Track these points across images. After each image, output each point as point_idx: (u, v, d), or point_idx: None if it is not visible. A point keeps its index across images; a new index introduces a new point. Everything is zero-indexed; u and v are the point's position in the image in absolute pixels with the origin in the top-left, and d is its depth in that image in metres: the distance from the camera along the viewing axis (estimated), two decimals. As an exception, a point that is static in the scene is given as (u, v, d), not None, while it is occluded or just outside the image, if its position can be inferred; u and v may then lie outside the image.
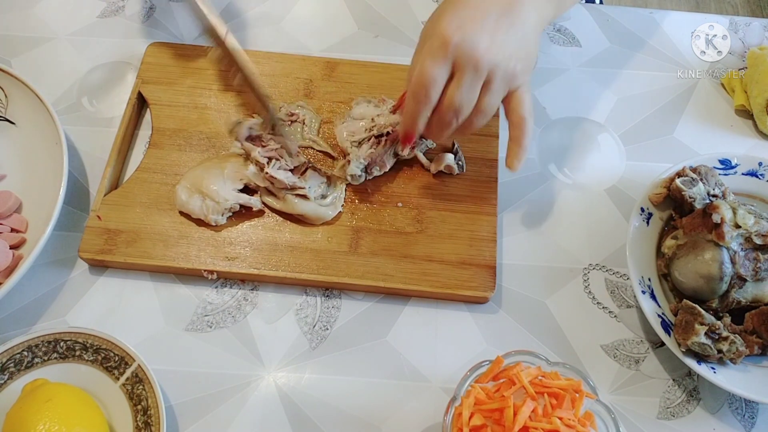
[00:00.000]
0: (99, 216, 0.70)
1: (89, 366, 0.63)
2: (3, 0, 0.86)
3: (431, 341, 0.68)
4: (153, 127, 0.76)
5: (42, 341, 0.63)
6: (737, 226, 0.65)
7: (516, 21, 0.61)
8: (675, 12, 0.90)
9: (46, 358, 0.63)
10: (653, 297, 0.67)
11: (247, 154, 0.72)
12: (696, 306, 0.64)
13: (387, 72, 0.80)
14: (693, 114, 0.82)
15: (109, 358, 0.62)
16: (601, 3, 1.00)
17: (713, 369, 0.63)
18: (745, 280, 0.65)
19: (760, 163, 0.73)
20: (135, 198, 0.71)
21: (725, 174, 0.73)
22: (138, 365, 0.61)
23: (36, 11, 0.85)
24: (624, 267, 0.72)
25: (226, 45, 0.70)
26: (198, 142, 0.75)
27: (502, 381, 0.56)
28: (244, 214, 0.71)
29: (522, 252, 0.73)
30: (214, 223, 0.70)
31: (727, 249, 0.64)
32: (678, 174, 0.70)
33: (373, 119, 0.74)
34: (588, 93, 0.83)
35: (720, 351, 0.62)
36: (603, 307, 0.70)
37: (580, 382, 0.54)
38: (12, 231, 0.69)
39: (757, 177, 0.73)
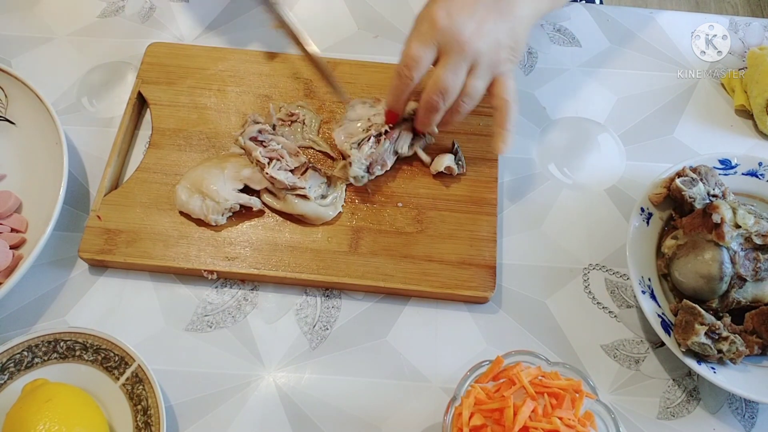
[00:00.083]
0: (99, 216, 0.70)
1: (89, 366, 0.63)
2: (3, 0, 0.86)
3: (431, 341, 0.68)
4: (153, 127, 0.76)
5: (42, 341, 0.63)
6: (737, 226, 0.65)
7: (506, 11, 0.65)
8: (675, 12, 0.90)
9: (46, 358, 0.63)
10: (653, 297, 0.67)
11: (248, 153, 0.72)
12: (696, 306, 0.64)
13: (387, 72, 0.79)
14: (693, 114, 0.82)
15: (109, 358, 0.62)
16: (601, 3, 1.00)
17: (713, 369, 0.63)
18: (745, 280, 0.64)
19: (760, 163, 0.73)
20: (135, 198, 0.71)
21: (725, 174, 0.73)
22: (138, 365, 0.61)
23: (36, 11, 0.85)
24: (624, 267, 0.72)
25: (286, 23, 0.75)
26: (198, 142, 0.75)
27: (502, 381, 0.56)
28: (244, 214, 0.71)
29: (522, 252, 0.73)
30: (214, 223, 0.70)
31: (727, 249, 0.64)
32: (678, 174, 0.70)
33: (370, 119, 0.74)
34: (588, 93, 0.83)
35: (720, 351, 0.62)
36: (603, 307, 0.70)
37: (580, 382, 0.54)
38: (12, 231, 0.69)
39: (757, 177, 0.73)
